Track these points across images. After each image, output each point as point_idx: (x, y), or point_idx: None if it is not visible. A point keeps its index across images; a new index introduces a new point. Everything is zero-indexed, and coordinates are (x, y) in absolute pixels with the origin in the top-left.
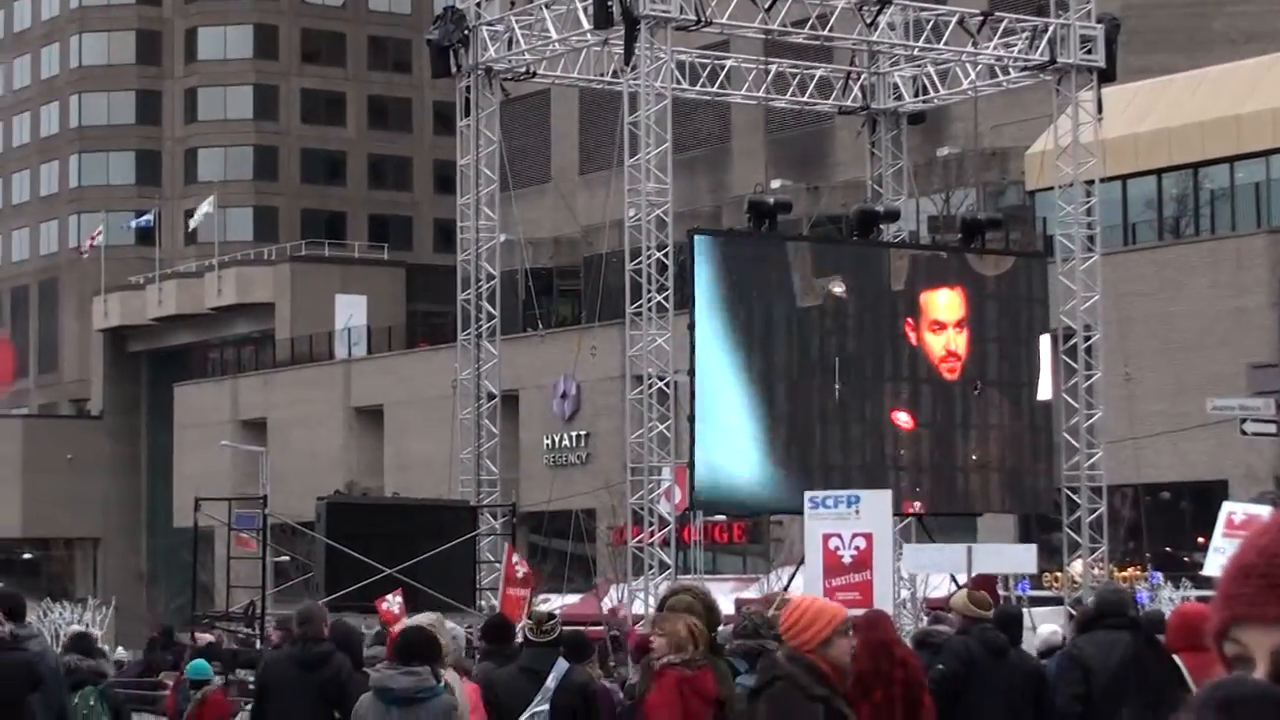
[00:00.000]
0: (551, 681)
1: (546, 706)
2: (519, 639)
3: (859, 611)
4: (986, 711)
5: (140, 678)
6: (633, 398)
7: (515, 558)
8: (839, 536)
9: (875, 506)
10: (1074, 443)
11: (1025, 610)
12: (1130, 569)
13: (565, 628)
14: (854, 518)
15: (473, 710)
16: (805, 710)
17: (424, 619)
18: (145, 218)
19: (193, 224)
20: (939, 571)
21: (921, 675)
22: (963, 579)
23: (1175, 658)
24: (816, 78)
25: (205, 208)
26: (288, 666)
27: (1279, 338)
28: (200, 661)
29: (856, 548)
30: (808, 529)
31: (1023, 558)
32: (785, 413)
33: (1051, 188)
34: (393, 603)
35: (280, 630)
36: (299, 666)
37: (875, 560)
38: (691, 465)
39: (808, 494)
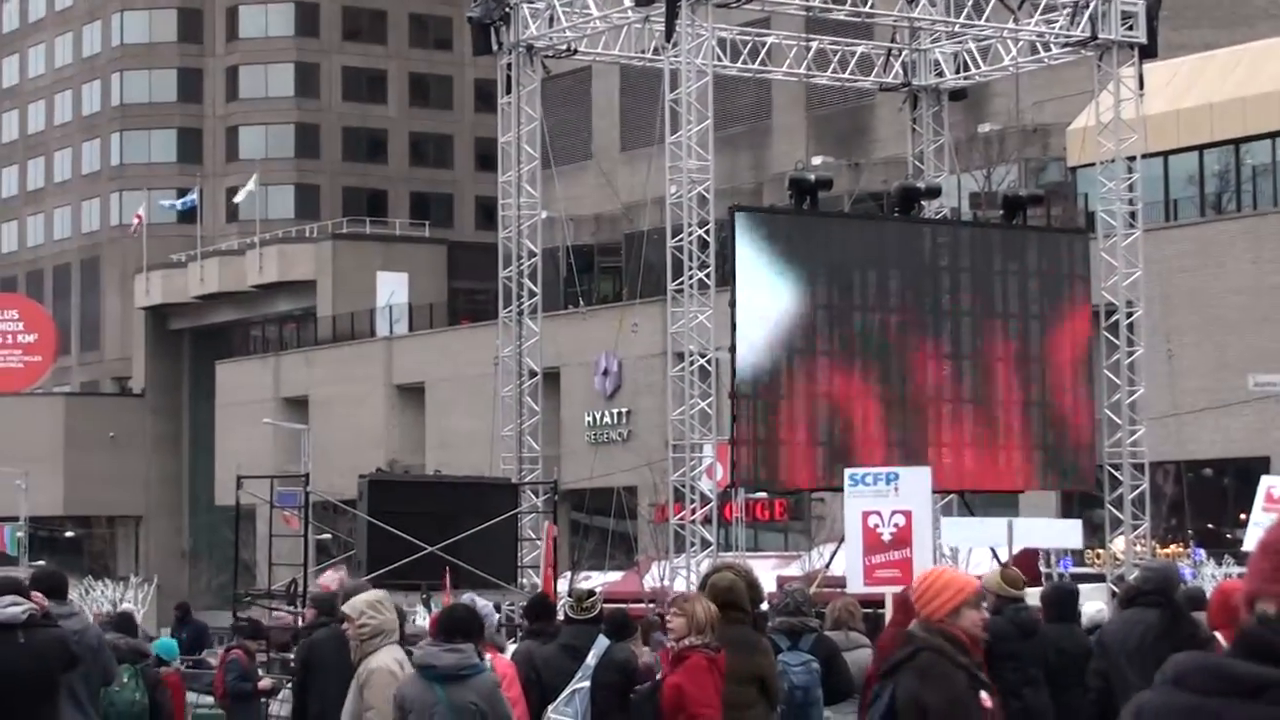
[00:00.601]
0: (592, 659)
1: (587, 684)
2: (560, 617)
3: (899, 589)
4: (1016, 689)
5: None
6: (674, 375)
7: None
8: (878, 514)
9: (914, 483)
10: (1116, 419)
11: (1077, 589)
12: (1172, 546)
13: (608, 605)
14: (893, 495)
15: (508, 686)
16: (955, 679)
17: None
18: (189, 198)
19: (237, 201)
20: (979, 545)
21: None
22: (1004, 555)
23: (1217, 635)
24: (857, 54)
25: (250, 186)
26: (328, 645)
27: None
28: (167, 640)
29: (896, 525)
30: (847, 506)
31: (1068, 532)
32: (827, 390)
33: (1093, 164)
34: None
35: (314, 609)
36: (339, 646)
37: (915, 537)
38: (733, 442)
39: (847, 471)
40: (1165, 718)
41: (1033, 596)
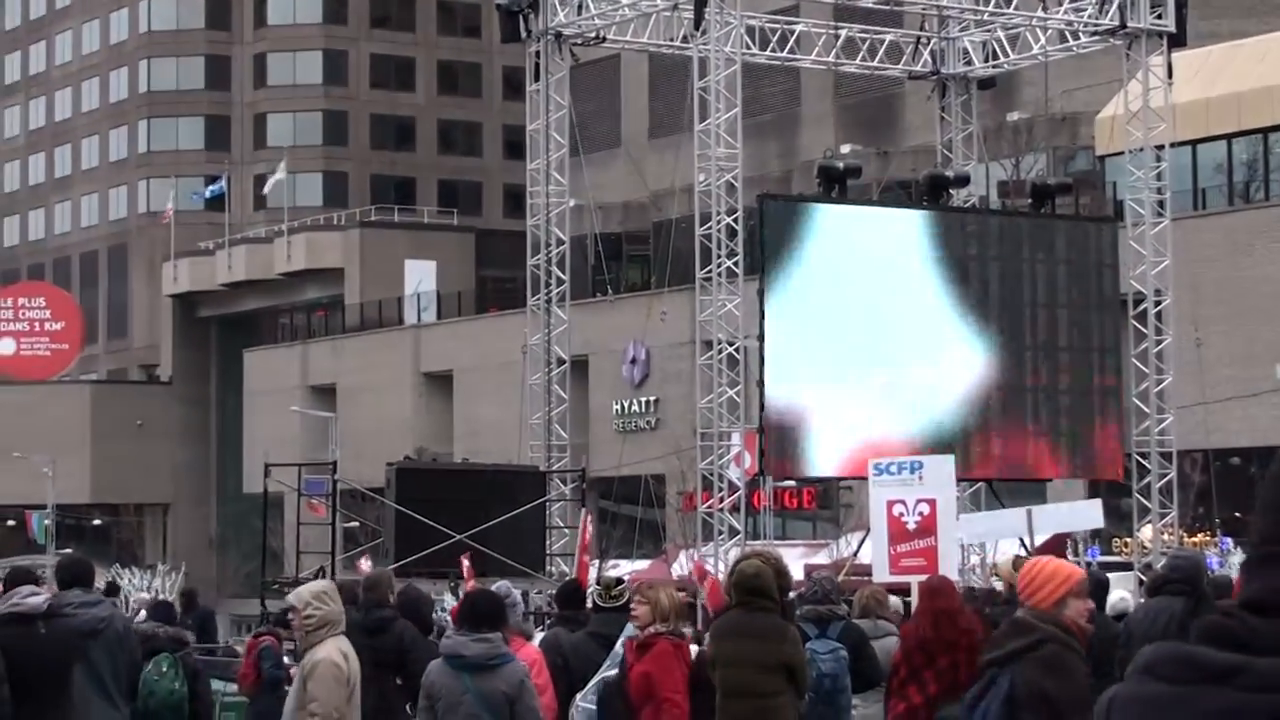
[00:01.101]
0: (620, 646)
1: (615, 671)
2: (590, 605)
3: (924, 578)
4: None
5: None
6: (702, 363)
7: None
8: (903, 503)
9: (938, 472)
10: (1144, 408)
11: (1107, 577)
12: (1200, 534)
13: None
14: (917, 483)
15: (536, 674)
16: (1080, 671)
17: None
18: (218, 185)
19: (265, 190)
20: (1000, 538)
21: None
22: (1031, 544)
23: None
24: (886, 42)
25: (278, 174)
26: (351, 633)
27: None
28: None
29: (920, 514)
30: (872, 496)
31: (1089, 513)
32: (854, 377)
33: (1121, 152)
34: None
35: None
36: (362, 632)
37: (940, 526)
38: (761, 430)
39: (871, 461)
40: (1135, 706)
41: None
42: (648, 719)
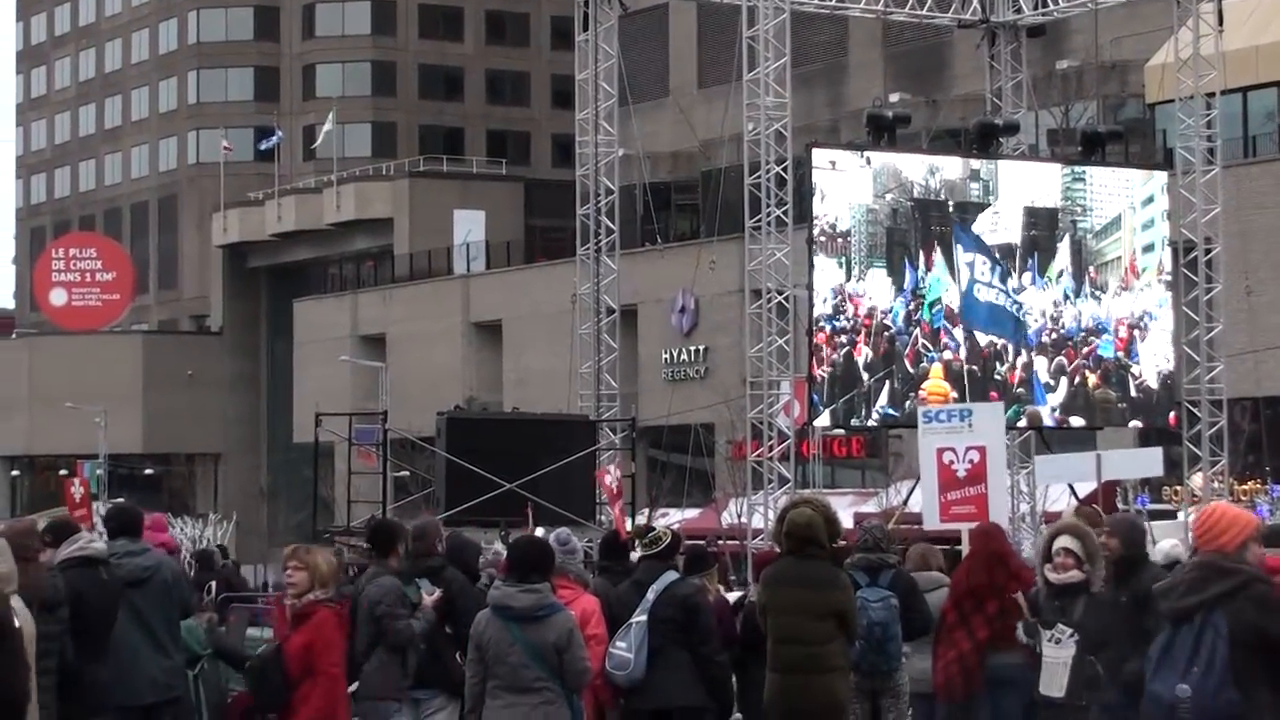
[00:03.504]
0: (651, 594)
1: (644, 617)
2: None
3: (974, 525)
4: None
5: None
6: (752, 312)
7: (606, 478)
8: (953, 450)
9: (988, 419)
10: (1194, 356)
11: (1147, 525)
12: (1250, 482)
13: (687, 541)
14: (967, 431)
15: (597, 623)
16: None
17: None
18: (276, 136)
19: (316, 144)
20: (1073, 480)
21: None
22: (1082, 491)
23: None
24: None
25: (327, 125)
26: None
27: None
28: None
29: (970, 461)
30: (922, 444)
31: (1151, 461)
32: (903, 326)
33: (1171, 100)
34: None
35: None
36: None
37: (990, 473)
38: (810, 380)
39: (920, 409)
40: None
41: None
42: (305, 693)
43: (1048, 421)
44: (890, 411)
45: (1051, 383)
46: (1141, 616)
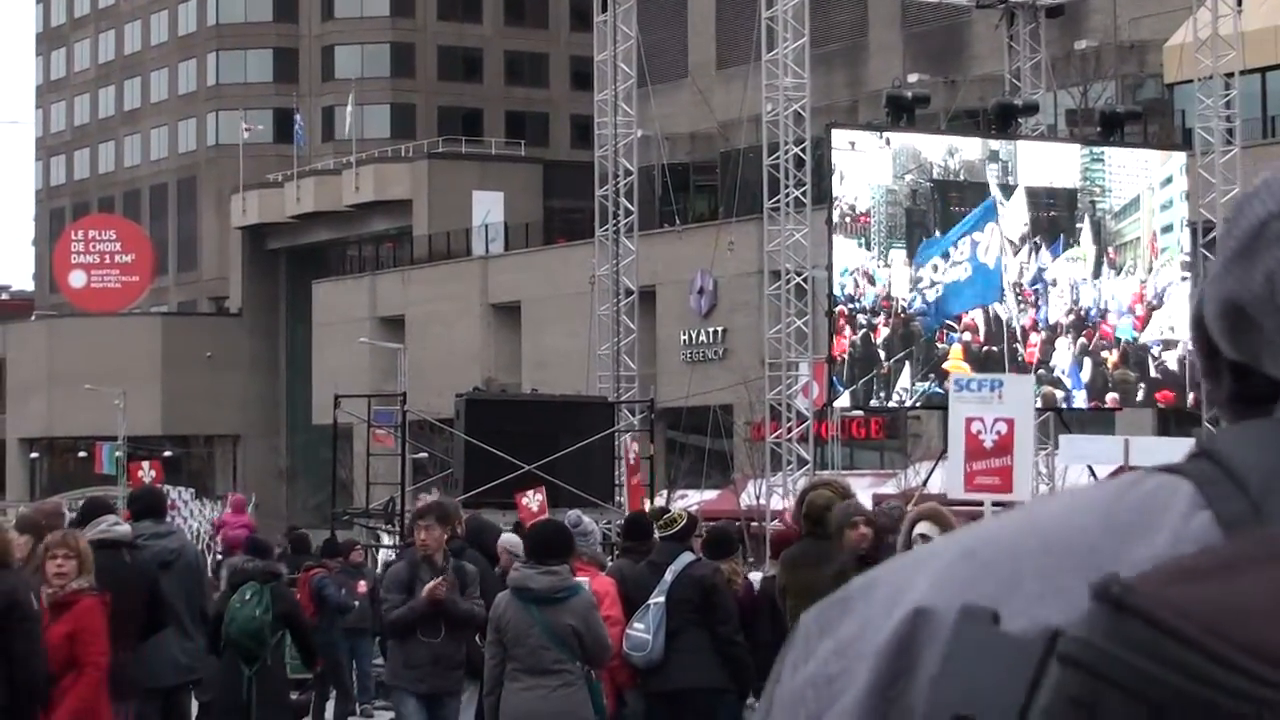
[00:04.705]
0: (669, 575)
1: (662, 599)
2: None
3: (1000, 497)
4: None
5: None
6: (770, 293)
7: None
8: (981, 420)
9: (1018, 391)
10: None
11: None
12: None
13: (708, 524)
14: (996, 402)
15: (611, 604)
16: None
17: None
18: (299, 128)
19: (345, 124)
20: (1098, 463)
21: None
22: (1102, 474)
23: None
24: None
25: (350, 107)
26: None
27: None
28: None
29: (998, 432)
30: (952, 412)
31: (1180, 451)
32: (921, 307)
33: (1190, 80)
34: (532, 499)
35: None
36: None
37: (1016, 445)
38: (830, 361)
39: (953, 376)
40: None
41: None
42: (67, 686)
43: (1079, 404)
44: (909, 393)
45: (1076, 364)
46: None
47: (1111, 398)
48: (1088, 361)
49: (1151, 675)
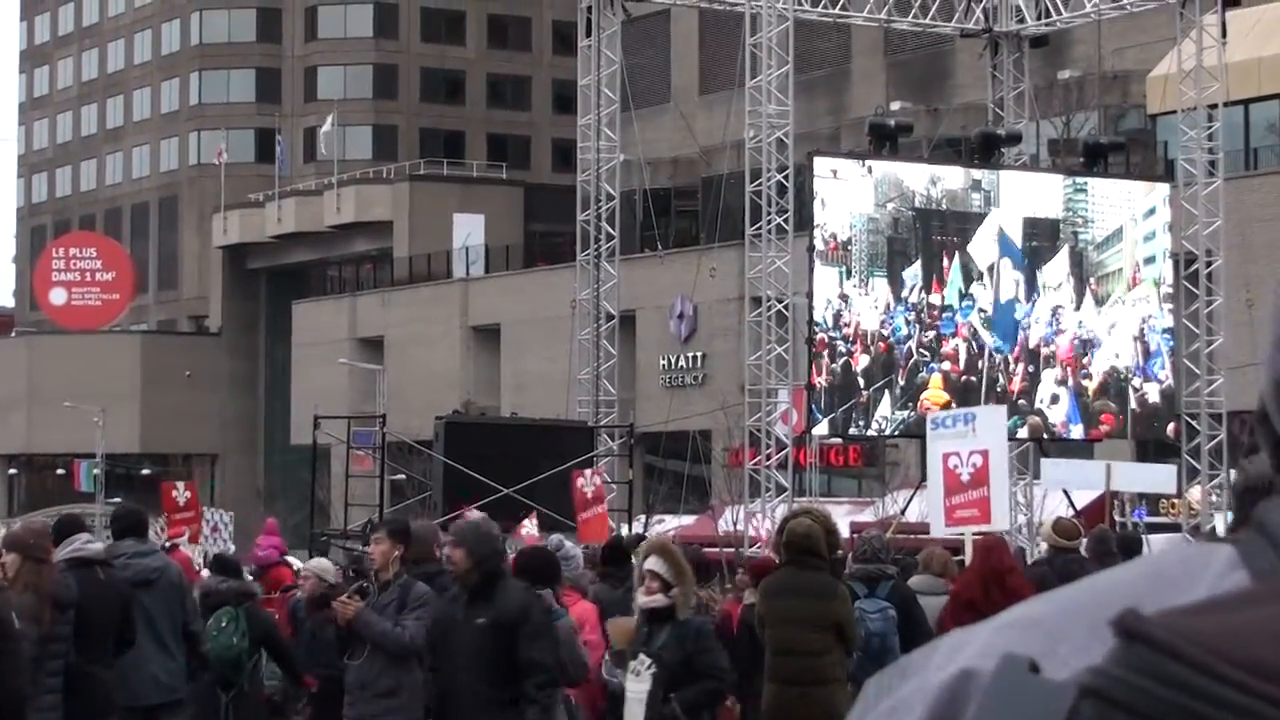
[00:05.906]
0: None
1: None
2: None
3: (980, 528)
4: None
5: None
6: (751, 320)
7: (580, 482)
8: (957, 455)
9: (990, 422)
10: (1194, 369)
11: (1143, 537)
12: None
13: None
14: (971, 435)
15: (591, 630)
16: None
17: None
18: (280, 151)
19: (320, 143)
20: (1080, 487)
21: None
22: (1080, 502)
23: None
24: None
25: (326, 126)
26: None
27: None
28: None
29: (974, 464)
30: (930, 450)
31: (1161, 478)
32: (902, 335)
33: (1173, 111)
34: (531, 528)
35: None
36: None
37: (992, 475)
38: (809, 389)
39: (929, 416)
40: None
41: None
42: None
43: (1062, 434)
44: (889, 421)
45: (1057, 394)
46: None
47: (1093, 431)
48: (1065, 392)
49: (1158, 696)
